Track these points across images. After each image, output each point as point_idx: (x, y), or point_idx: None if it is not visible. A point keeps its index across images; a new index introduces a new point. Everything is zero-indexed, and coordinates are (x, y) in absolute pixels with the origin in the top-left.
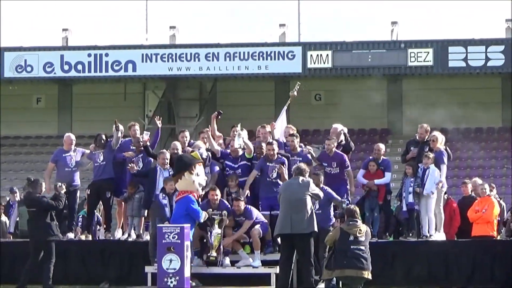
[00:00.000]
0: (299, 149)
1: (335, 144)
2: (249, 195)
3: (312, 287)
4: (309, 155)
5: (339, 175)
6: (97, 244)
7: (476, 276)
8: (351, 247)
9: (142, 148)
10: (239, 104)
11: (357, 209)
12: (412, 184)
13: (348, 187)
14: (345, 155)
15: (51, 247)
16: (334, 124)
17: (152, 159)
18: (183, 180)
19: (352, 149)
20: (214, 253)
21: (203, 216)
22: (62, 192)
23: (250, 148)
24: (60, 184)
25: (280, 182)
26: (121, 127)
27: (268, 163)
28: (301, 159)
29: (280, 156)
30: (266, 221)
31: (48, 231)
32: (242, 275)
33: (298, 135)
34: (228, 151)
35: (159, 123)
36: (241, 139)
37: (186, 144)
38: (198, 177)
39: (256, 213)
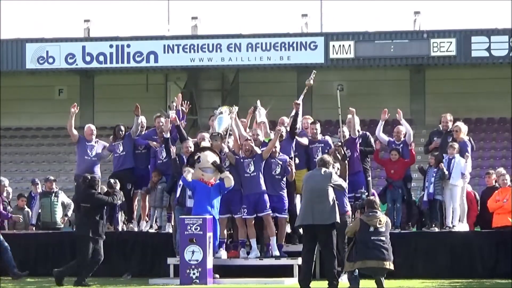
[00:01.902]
0: (320, 137)
1: (346, 133)
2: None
3: (334, 278)
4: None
5: (355, 162)
6: (119, 236)
7: (500, 268)
8: (372, 238)
9: (164, 139)
10: (261, 95)
11: (377, 200)
12: (434, 175)
13: (368, 178)
14: (354, 136)
15: (85, 247)
16: (349, 115)
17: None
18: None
19: (373, 151)
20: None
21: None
22: (117, 188)
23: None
24: (114, 180)
25: (285, 179)
26: (142, 118)
27: (270, 158)
28: (323, 145)
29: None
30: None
31: (95, 229)
32: (265, 267)
33: (319, 122)
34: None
35: (186, 108)
36: (263, 114)
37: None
38: (199, 163)
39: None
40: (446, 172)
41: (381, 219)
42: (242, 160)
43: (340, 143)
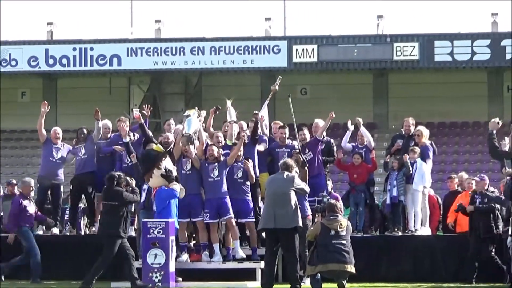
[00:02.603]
0: (287, 141)
1: (307, 135)
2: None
3: (297, 282)
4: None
5: (317, 165)
6: (82, 239)
7: (462, 272)
8: (333, 241)
9: (124, 143)
10: (224, 99)
11: (338, 203)
12: (396, 177)
13: (328, 182)
14: (319, 138)
15: (114, 245)
16: (317, 119)
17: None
18: (153, 177)
19: (334, 161)
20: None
21: (179, 189)
22: (133, 184)
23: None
24: (130, 177)
25: (248, 183)
26: (108, 122)
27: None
28: (289, 150)
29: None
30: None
31: (124, 227)
32: (227, 271)
33: (287, 126)
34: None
35: (147, 112)
36: (233, 113)
37: (172, 131)
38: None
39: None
40: (410, 168)
41: (342, 223)
42: (206, 164)
43: (298, 150)
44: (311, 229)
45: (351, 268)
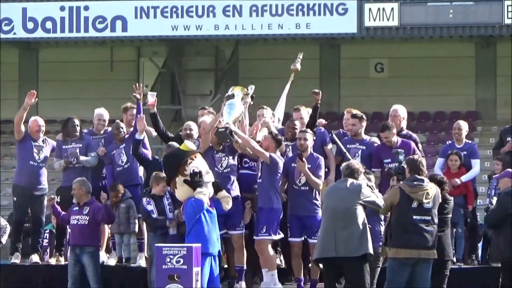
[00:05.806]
0: (364, 136)
1: (394, 131)
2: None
3: None
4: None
5: None
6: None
7: None
8: (413, 217)
9: (124, 137)
10: (269, 77)
11: (423, 160)
12: (495, 187)
13: None
14: (412, 143)
15: None
16: (396, 105)
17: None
18: (178, 188)
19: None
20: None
21: (226, 200)
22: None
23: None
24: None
25: (315, 193)
26: (103, 112)
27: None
28: (364, 148)
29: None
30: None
31: None
32: None
33: (363, 117)
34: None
35: (137, 94)
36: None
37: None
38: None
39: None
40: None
41: (429, 191)
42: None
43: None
44: (385, 197)
45: (434, 255)
